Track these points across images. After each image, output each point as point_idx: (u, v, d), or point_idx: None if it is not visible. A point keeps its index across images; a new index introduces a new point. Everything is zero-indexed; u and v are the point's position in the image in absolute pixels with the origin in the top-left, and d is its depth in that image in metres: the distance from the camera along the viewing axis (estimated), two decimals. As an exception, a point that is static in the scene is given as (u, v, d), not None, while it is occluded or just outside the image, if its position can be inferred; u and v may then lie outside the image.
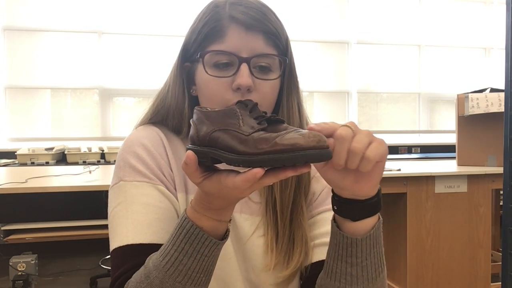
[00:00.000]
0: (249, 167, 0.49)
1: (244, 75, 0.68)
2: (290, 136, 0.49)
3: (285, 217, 0.75)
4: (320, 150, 0.48)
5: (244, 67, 0.69)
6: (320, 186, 0.80)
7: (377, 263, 0.62)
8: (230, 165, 0.52)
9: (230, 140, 0.52)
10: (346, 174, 0.56)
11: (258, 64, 0.71)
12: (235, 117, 0.54)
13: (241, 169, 0.51)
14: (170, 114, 0.77)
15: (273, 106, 0.74)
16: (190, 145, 0.56)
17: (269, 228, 0.76)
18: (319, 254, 0.75)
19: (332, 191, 0.61)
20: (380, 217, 0.62)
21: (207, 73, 0.71)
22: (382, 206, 0.62)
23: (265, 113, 0.56)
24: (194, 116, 0.58)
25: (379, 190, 0.60)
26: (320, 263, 0.72)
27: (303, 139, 0.48)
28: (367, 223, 0.60)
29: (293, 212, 0.76)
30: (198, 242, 0.58)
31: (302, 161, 0.48)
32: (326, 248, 0.66)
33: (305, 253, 0.76)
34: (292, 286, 0.77)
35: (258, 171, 0.49)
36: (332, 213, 0.64)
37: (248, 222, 0.76)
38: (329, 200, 0.78)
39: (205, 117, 0.56)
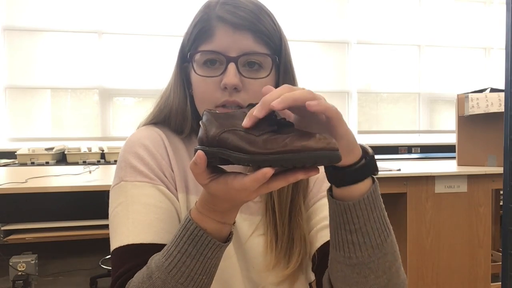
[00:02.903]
0: (258, 166, 0.50)
1: (230, 75, 0.69)
2: (300, 137, 0.49)
3: (284, 217, 0.75)
4: (330, 151, 0.49)
5: (231, 67, 0.69)
6: (314, 177, 0.81)
7: (380, 228, 0.60)
8: (239, 164, 0.52)
9: (239, 141, 0.52)
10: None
11: (248, 62, 0.71)
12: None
13: (248, 172, 0.51)
14: (173, 114, 0.78)
15: None
16: (198, 146, 0.56)
17: (269, 228, 0.76)
18: (324, 237, 0.75)
19: None
20: (375, 180, 0.60)
21: (196, 73, 0.72)
22: (374, 170, 0.60)
23: (275, 116, 0.56)
24: (204, 118, 0.58)
25: (367, 156, 0.59)
26: (326, 244, 0.72)
27: (313, 140, 0.49)
28: (359, 189, 0.58)
29: (291, 211, 0.76)
30: (201, 244, 0.58)
31: (311, 162, 0.48)
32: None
33: (304, 253, 0.76)
34: (296, 286, 0.77)
35: (268, 171, 0.48)
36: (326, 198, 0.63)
37: (247, 222, 0.77)
38: (324, 187, 0.79)
39: (214, 119, 0.56)
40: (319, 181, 0.81)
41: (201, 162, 0.53)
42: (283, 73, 0.76)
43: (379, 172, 2.40)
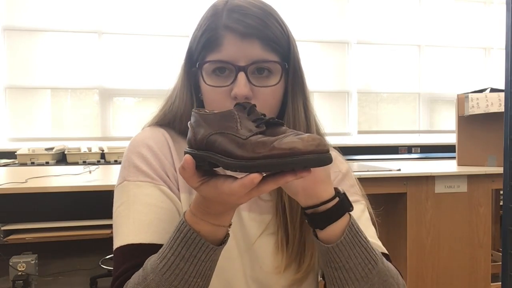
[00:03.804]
0: (247, 172, 0.48)
1: (240, 85, 0.68)
2: (289, 140, 0.48)
3: (295, 220, 0.74)
4: (319, 154, 0.47)
5: (241, 76, 0.69)
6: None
7: (363, 262, 0.63)
8: (227, 170, 0.51)
9: (227, 144, 0.51)
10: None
11: (257, 69, 0.71)
12: (233, 120, 0.53)
13: (238, 175, 0.50)
14: (178, 118, 0.77)
15: (276, 110, 0.74)
16: (187, 149, 0.55)
17: (279, 228, 0.75)
18: None
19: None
20: (351, 218, 0.63)
21: (205, 83, 0.72)
22: (349, 206, 0.63)
23: (264, 115, 0.55)
24: (192, 119, 0.57)
25: (339, 195, 0.63)
26: None
27: (302, 143, 0.47)
28: (335, 228, 0.62)
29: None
30: (195, 247, 0.58)
31: (300, 166, 0.47)
32: None
33: (316, 256, 0.76)
34: (304, 285, 0.77)
35: (256, 177, 0.48)
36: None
37: (257, 221, 0.76)
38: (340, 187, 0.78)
39: (202, 120, 0.55)
40: (336, 182, 0.79)
41: (189, 167, 0.52)
42: (292, 76, 0.75)
43: (379, 172, 2.38)
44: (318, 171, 0.60)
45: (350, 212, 0.64)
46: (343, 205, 0.63)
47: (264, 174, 0.50)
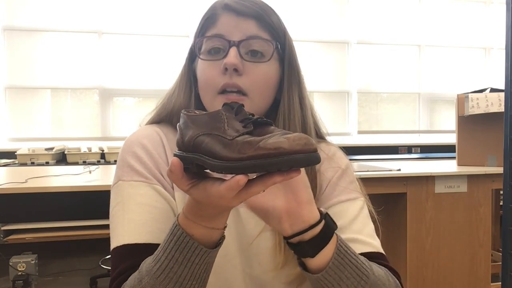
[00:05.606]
0: (232, 173, 0.47)
1: (230, 55, 0.70)
2: (274, 139, 0.46)
3: None
4: (306, 154, 0.45)
5: (232, 49, 0.70)
6: (326, 179, 0.78)
7: (355, 280, 0.61)
8: (214, 171, 0.49)
9: (214, 145, 0.49)
10: (275, 195, 0.59)
11: (250, 49, 0.72)
12: (220, 120, 0.52)
13: (226, 177, 0.49)
14: (175, 110, 0.78)
15: (267, 94, 0.74)
16: (176, 151, 0.54)
17: None
18: None
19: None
20: (338, 242, 0.61)
21: (200, 57, 0.74)
22: (333, 228, 0.60)
23: (252, 115, 0.53)
24: (180, 120, 0.56)
25: (325, 221, 0.60)
26: None
27: (288, 142, 0.45)
28: (328, 252, 0.60)
29: None
30: (188, 251, 0.57)
31: (286, 166, 0.45)
32: None
33: None
34: (306, 285, 0.76)
35: (241, 178, 0.46)
36: (342, 204, 0.66)
37: (255, 218, 0.74)
38: (337, 191, 0.77)
39: (190, 121, 0.54)
40: (332, 183, 0.78)
41: (176, 169, 0.51)
42: (288, 66, 0.76)
43: (379, 172, 2.38)
44: (301, 192, 0.58)
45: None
46: (330, 225, 0.60)
47: (251, 176, 0.48)
